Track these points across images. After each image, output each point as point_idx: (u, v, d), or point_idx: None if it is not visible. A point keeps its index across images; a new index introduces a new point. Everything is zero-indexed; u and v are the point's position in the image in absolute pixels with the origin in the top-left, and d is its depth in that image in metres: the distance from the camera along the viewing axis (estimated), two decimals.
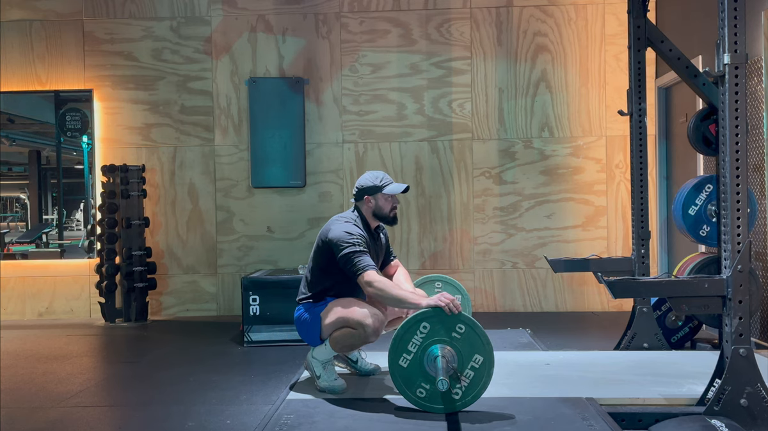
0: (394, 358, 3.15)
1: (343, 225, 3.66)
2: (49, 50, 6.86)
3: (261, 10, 6.78)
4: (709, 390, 3.12)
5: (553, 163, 6.68)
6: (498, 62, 6.69)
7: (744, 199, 3.06)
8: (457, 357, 3.10)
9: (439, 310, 3.14)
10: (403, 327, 3.14)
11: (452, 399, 3.14)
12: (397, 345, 3.15)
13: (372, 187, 3.75)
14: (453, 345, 3.11)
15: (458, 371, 3.09)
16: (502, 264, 6.71)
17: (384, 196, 3.76)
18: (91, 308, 6.78)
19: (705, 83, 4.20)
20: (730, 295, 3.04)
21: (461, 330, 3.11)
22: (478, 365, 3.11)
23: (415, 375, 3.14)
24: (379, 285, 3.43)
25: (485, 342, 3.11)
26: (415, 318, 3.14)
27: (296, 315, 3.79)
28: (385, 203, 3.77)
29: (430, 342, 3.12)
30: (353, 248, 3.54)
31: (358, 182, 3.81)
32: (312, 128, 6.75)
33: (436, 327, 3.12)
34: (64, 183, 7.08)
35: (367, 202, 3.77)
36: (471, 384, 3.12)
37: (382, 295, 3.43)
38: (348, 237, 3.57)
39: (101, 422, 3.58)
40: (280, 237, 6.78)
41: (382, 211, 3.77)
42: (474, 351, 3.11)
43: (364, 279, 3.46)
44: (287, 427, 2.96)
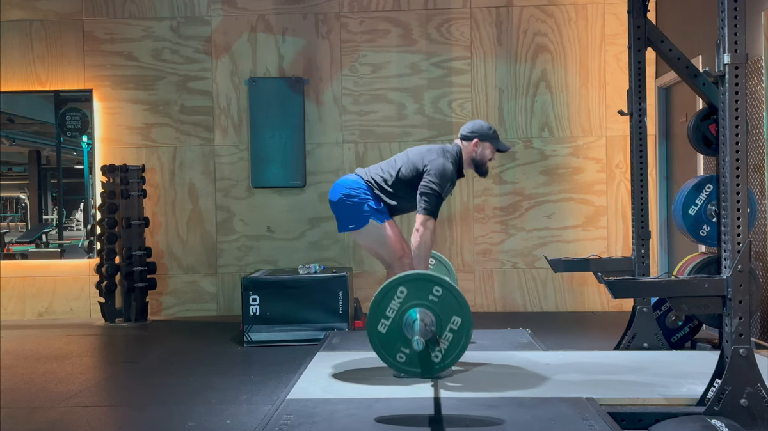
0: (373, 324, 3.14)
1: (446, 161, 3.76)
2: (49, 50, 6.87)
3: (261, 10, 6.78)
4: (709, 390, 3.12)
5: (553, 163, 6.68)
6: (498, 62, 6.69)
7: (744, 199, 3.05)
8: (436, 320, 3.09)
9: (416, 274, 3.15)
10: (381, 293, 3.12)
11: (432, 362, 3.13)
12: (375, 310, 3.13)
13: (486, 134, 3.86)
14: (431, 308, 3.10)
15: (437, 334, 3.09)
16: (502, 264, 6.71)
17: (491, 147, 3.87)
18: (91, 308, 6.78)
19: (705, 83, 4.20)
20: (730, 295, 3.04)
21: (438, 293, 3.10)
22: (457, 327, 3.10)
23: (394, 340, 3.13)
24: (428, 235, 3.66)
25: (462, 304, 3.10)
26: (392, 283, 3.12)
27: (350, 189, 3.83)
28: (489, 154, 3.88)
29: (408, 307, 3.11)
30: (438, 190, 3.70)
31: (473, 125, 3.91)
32: (312, 128, 6.75)
33: (413, 292, 3.11)
34: (64, 183, 7.09)
35: (474, 145, 3.85)
36: (450, 346, 3.12)
37: (422, 242, 3.65)
38: (442, 178, 3.70)
39: (101, 422, 3.58)
40: (280, 237, 6.79)
41: (483, 158, 3.88)
42: (452, 313, 3.10)
43: (425, 220, 3.67)
44: (287, 427, 2.96)
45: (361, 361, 4.13)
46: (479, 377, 3.76)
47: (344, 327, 5.32)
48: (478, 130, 3.86)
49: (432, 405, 3.28)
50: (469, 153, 3.87)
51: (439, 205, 3.73)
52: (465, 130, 3.90)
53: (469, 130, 3.89)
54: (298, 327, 5.31)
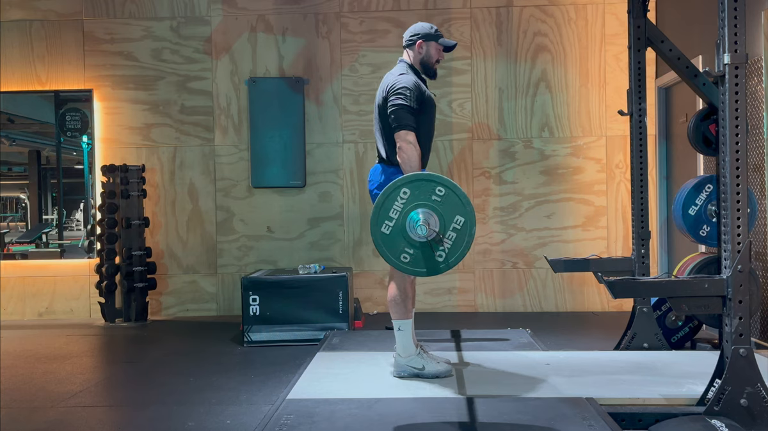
0: (377, 226, 3.11)
1: (397, 77, 3.65)
2: (49, 50, 6.87)
3: (261, 10, 6.78)
4: (709, 390, 3.12)
5: (553, 163, 6.68)
6: (498, 62, 6.69)
7: (744, 199, 3.06)
8: (439, 219, 3.09)
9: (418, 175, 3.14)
10: (384, 194, 3.10)
11: (436, 262, 3.11)
12: (378, 212, 3.11)
13: (428, 34, 3.77)
14: (434, 208, 3.08)
15: (440, 233, 3.08)
16: (502, 264, 6.71)
17: (436, 45, 3.78)
18: (91, 308, 6.78)
19: (705, 83, 4.20)
20: (730, 295, 3.04)
21: (441, 192, 3.08)
22: (460, 226, 3.08)
23: (398, 241, 3.11)
24: (411, 149, 3.51)
25: (465, 203, 3.08)
26: (395, 184, 3.10)
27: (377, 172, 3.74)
28: (435, 53, 3.78)
29: (411, 207, 3.09)
30: (402, 101, 3.56)
31: (412, 29, 3.81)
32: (312, 128, 6.75)
33: (415, 192, 3.09)
34: (64, 183, 7.08)
35: (418, 47, 3.76)
36: (453, 245, 3.09)
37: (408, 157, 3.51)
38: (402, 90, 3.58)
39: (101, 422, 3.58)
40: (280, 237, 6.79)
41: (430, 59, 3.78)
42: (455, 212, 3.08)
43: (403, 135, 3.53)
44: (287, 427, 2.96)
45: (361, 361, 4.13)
46: (479, 377, 3.76)
47: (344, 327, 5.33)
48: (419, 31, 3.78)
49: (432, 405, 3.28)
50: (416, 57, 3.78)
51: (412, 115, 3.57)
52: (406, 36, 3.81)
53: (410, 34, 3.79)
54: (298, 327, 5.31)
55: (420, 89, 3.64)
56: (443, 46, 3.79)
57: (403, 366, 3.72)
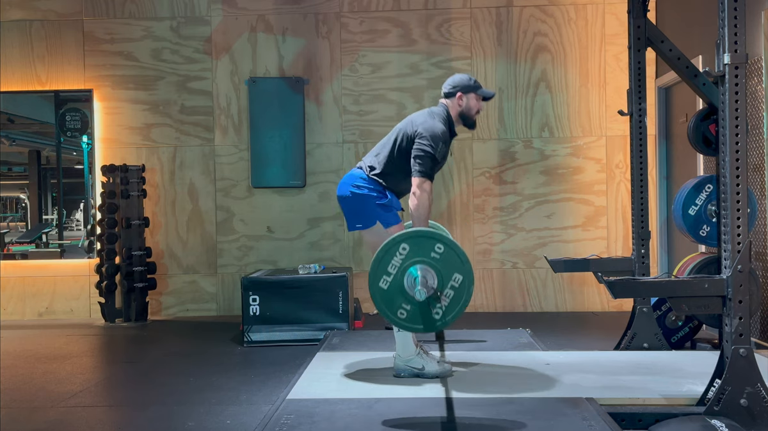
0: (375, 280, 3.12)
1: (435, 122, 3.70)
2: (49, 50, 6.87)
3: (261, 10, 6.78)
4: (709, 390, 3.12)
5: (553, 163, 6.68)
6: (498, 62, 6.69)
7: (744, 199, 3.05)
8: (437, 276, 3.09)
9: (418, 231, 3.15)
10: (383, 249, 3.11)
11: (433, 319, 3.12)
12: (377, 267, 3.12)
13: (468, 85, 3.81)
14: (432, 265, 3.09)
15: (438, 290, 3.08)
16: (502, 264, 6.71)
17: (477, 96, 3.82)
18: (91, 308, 6.78)
19: (705, 83, 4.20)
20: (730, 295, 3.04)
21: (440, 250, 3.09)
22: (458, 284, 3.08)
23: (395, 297, 3.12)
24: (425, 198, 3.57)
25: (464, 261, 3.09)
26: (394, 240, 3.11)
27: (356, 186, 3.78)
28: (475, 104, 3.82)
29: (410, 263, 3.10)
30: (431, 151, 3.61)
31: (452, 80, 3.84)
32: (312, 128, 6.75)
33: (414, 248, 3.10)
34: (64, 183, 7.08)
35: (458, 99, 3.80)
36: (451, 303, 3.10)
37: (420, 205, 3.57)
38: (434, 139, 3.63)
39: (101, 422, 3.58)
40: (280, 237, 6.78)
41: (470, 111, 3.82)
42: (453, 270, 3.08)
43: (420, 182, 3.59)
44: (287, 427, 2.96)
45: (361, 361, 4.13)
46: (479, 377, 3.76)
47: (344, 327, 5.32)
48: (459, 84, 3.81)
49: (432, 404, 3.28)
50: (455, 108, 3.81)
51: (435, 166, 3.64)
52: (446, 87, 3.84)
53: (450, 85, 3.83)
54: (298, 327, 5.31)
55: (447, 145, 3.73)
56: (482, 96, 3.85)
57: (403, 367, 3.72)
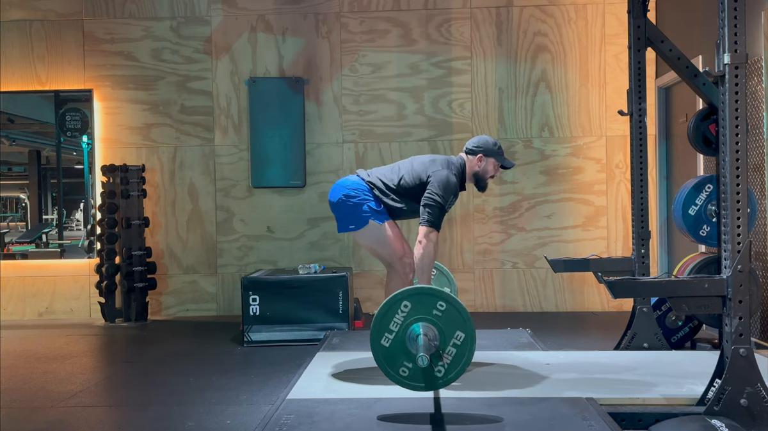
0: (376, 338, 3.13)
1: (449, 173, 3.78)
2: (49, 50, 6.87)
3: (261, 10, 6.78)
4: (709, 390, 3.12)
5: (553, 163, 6.68)
6: (498, 62, 6.69)
7: (744, 199, 3.06)
8: (439, 334, 3.10)
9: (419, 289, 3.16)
10: (384, 307, 3.12)
11: (434, 377, 3.13)
12: (379, 324, 3.13)
13: (491, 150, 3.88)
14: (434, 323, 3.10)
15: (440, 348, 3.09)
16: (502, 264, 6.71)
17: (495, 163, 3.89)
18: (91, 308, 6.78)
19: (705, 83, 4.20)
20: (730, 295, 3.04)
21: (442, 307, 3.10)
22: (460, 342, 3.10)
23: (397, 355, 3.13)
24: (431, 247, 3.69)
25: (466, 319, 3.10)
26: (396, 297, 3.12)
27: (350, 189, 3.85)
28: (492, 170, 3.90)
29: (412, 321, 3.11)
30: (441, 202, 3.72)
31: (478, 139, 3.92)
32: (312, 128, 6.75)
33: (416, 306, 3.11)
34: (64, 183, 7.08)
35: (478, 160, 3.87)
36: (453, 361, 3.11)
37: (425, 254, 3.67)
38: (445, 191, 3.72)
39: (101, 422, 3.58)
40: (280, 237, 6.78)
41: (485, 174, 3.90)
42: (455, 328, 3.10)
43: (427, 232, 3.69)
44: (287, 427, 2.96)
45: (361, 361, 4.13)
46: (479, 377, 3.76)
47: (344, 327, 5.32)
48: (483, 146, 3.88)
49: (432, 404, 3.28)
50: (473, 167, 3.89)
51: (442, 216, 3.75)
52: (470, 144, 3.92)
53: (474, 144, 3.91)
54: (298, 327, 5.31)
55: (456, 197, 3.82)
56: (501, 164, 3.91)
57: None
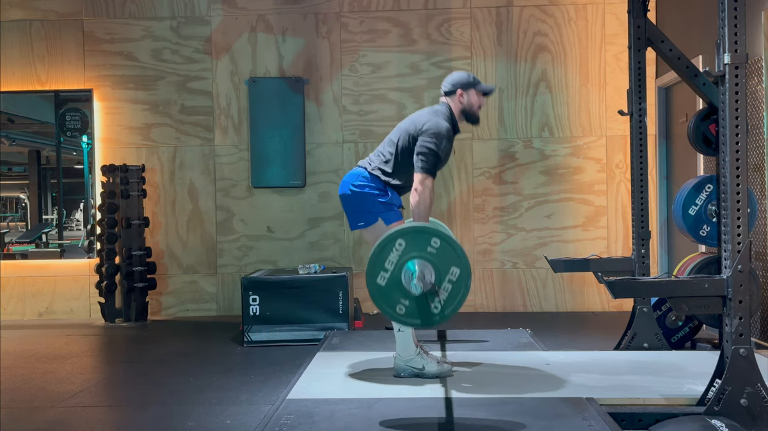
0: (372, 277, 3.12)
1: (438, 119, 3.73)
2: (49, 50, 6.86)
3: (261, 10, 6.78)
4: (709, 390, 3.12)
5: (553, 163, 6.68)
6: (498, 62, 6.69)
7: (744, 199, 3.06)
8: (434, 270, 3.09)
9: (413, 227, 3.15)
10: (379, 245, 3.11)
11: (431, 313, 3.12)
12: (374, 263, 3.12)
13: (468, 82, 3.84)
14: (429, 259, 3.09)
15: (436, 285, 3.08)
16: (502, 264, 6.71)
17: (477, 92, 3.85)
18: (91, 308, 6.78)
19: (705, 83, 4.20)
20: (730, 295, 3.04)
21: (436, 244, 3.09)
22: (455, 278, 3.09)
23: (393, 292, 3.12)
24: (426, 194, 3.61)
25: (461, 255, 3.09)
26: (390, 236, 3.11)
27: (357, 185, 3.80)
28: (476, 100, 3.86)
29: (406, 258, 3.10)
30: (434, 148, 3.65)
31: (451, 78, 3.87)
32: (312, 128, 6.75)
33: (411, 243, 3.10)
34: (64, 183, 7.08)
35: (459, 96, 3.83)
36: (449, 297, 3.11)
37: (421, 201, 3.60)
38: (437, 136, 3.66)
39: (101, 422, 3.58)
40: (280, 237, 6.78)
41: (472, 107, 3.86)
42: (450, 264, 3.09)
43: (423, 179, 3.62)
44: (287, 427, 2.96)
45: (361, 361, 4.13)
46: (479, 377, 3.76)
47: (344, 327, 5.33)
48: (458, 81, 3.84)
49: (432, 405, 3.28)
50: (457, 105, 3.84)
51: (437, 163, 3.68)
52: (446, 85, 3.87)
53: (449, 83, 3.86)
54: (298, 327, 5.31)
55: (450, 142, 3.76)
56: (482, 91, 3.88)
57: (403, 367, 3.72)
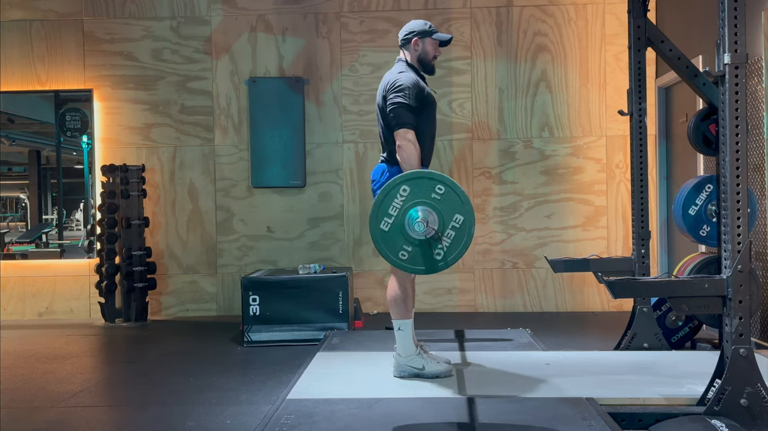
0: (375, 223, 3.11)
1: (397, 74, 3.66)
2: (49, 50, 6.86)
3: (261, 10, 6.78)
4: (709, 390, 3.12)
5: (553, 163, 6.68)
6: (498, 62, 6.69)
7: (744, 199, 3.06)
8: (438, 217, 3.08)
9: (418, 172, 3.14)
10: (383, 191, 3.10)
11: (434, 260, 3.11)
12: (378, 209, 3.11)
13: (422, 30, 3.78)
14: (433, 206, 3.08)
15: (439, 231, 3.08)
16: (502, 264, 6.71)
17: (432, 41, 3.79)
18: (91, 308, 6.78)
19: (705, 83, 4.20)
20: (730, 295, 3.04)
21: (441, 191, 3.08)
22: (459, 224, 3.08)
23: (396, 238, 3.11)
24: (410, 147, 3.53)
25: (465, 202, 3.08)
26: (395, 181, 3.10)
27: (374, 182, 3.79)
28: (432, 49, 3.79)
29: (411, 205, 3.09)
30: (402, 100, 3.57)
31: (407, 27, 3.82)
32: (312, 128, 6.75)
33: (415, 190, 3.09)
34: (64, 183, 7.08)
35: (414, 45, 3.77)
36: (452, 243, 3.09)
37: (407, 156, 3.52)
38: (401, 89, 3.59)
39: (101, 422, 3.58)
40: (280, 237, 6.78)
41: (427, 56, 3.79)
42: (454, 211, 3.08)
43: (403, 134, 3.54)
44: (287, 427, 2.96)
45: (361, 361, 4.13)
46: (480, 377, 3.76)
47: (344, 327, 5.33)
48: (414, 29, 3.80)
49: (432, 405, 3.28)
50: (413, 54, 3.79)
51: (412, 113, 3.58)
52: (401, 35, 3.83)
53: (404, 32, 3.81)
54: (298, 327, 5.31)
55: (419, 86, 3.64)
56: (438, 40, 3.80)
57: (403, 366, 3.72)
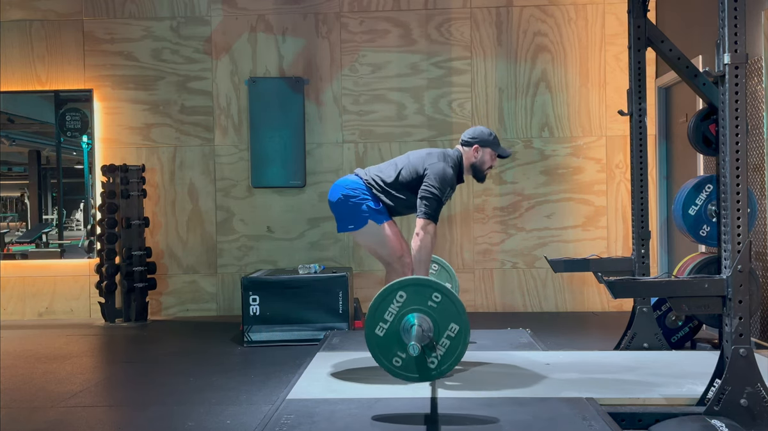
0: (371, 327, 3.14)
1: (446, 166, 3.77)
2: (49, 50, 6.86)
3: (261, 10, 6.78)
4: (709, 390, 3.12)
5: (553, 163, 6.68)
6: (498, 62, 6.69)
7: (744, 199, 3.05)
8: (433, 326, 3.10)
9: (416, 279, 3.16)
10: (380, 296, 3.13)
11: (428, 368, 3.14)
12: (374, 314, 3.14)
13: (486, 140, 3.87)
14: (429, 314, 3.11)
15: (434, 340, 3.09)
16: (502, 264, 6.71)
17: (492, 153, 3.89)
18: (91, 308, 6.78)
19: (705, 83, 4.20)
20: (730, 295, 3.04)
21: (437, 299, 3.11)
22: (454, 334, 3.11)
23: (391, 344, 3.14)
24: (428, 240, 3.69)
25: (461, 311, 3.11)
26: (392, 287, 3.13)
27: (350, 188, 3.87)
28: (489, 160, 3.90)
29: (407, 311, 3.12)
30: (438, 194, 3.72)
31: (473, 130, 3.92)
32: (312, 128, 6.75)
33: (412, 296, 3.12)
34: (64, 183, 7.08)
35: (474, 151, 3.87)
36: (447, 353, 3.13)
37: (423, 247, 3.68)
38: (442, 183, 3.72)
39: (101, 422, 3.58)
40: (280, 237, 6.78)
41: (483, 165, 3.90)
42: (450, 320, 3.11)
43: (425, 224, 3.70)
44: (287, 427, 2.96)
45: (361, 361, 4.13)
46: (479, 377, 3.76)
47: (344, 327, 5.32)
48: (478, 136, 3.89)
49: (432, 405, 3.28)
50: (469, 158, 3.89)
51: (440, 209, 3.75)
52: (466, 136, 3.93)
53: (469, 135, 3.92)
54: (298, 327, 5.31)
55: (453, 189, 3.84)
56: (498, 154, 3.91)
57: None
